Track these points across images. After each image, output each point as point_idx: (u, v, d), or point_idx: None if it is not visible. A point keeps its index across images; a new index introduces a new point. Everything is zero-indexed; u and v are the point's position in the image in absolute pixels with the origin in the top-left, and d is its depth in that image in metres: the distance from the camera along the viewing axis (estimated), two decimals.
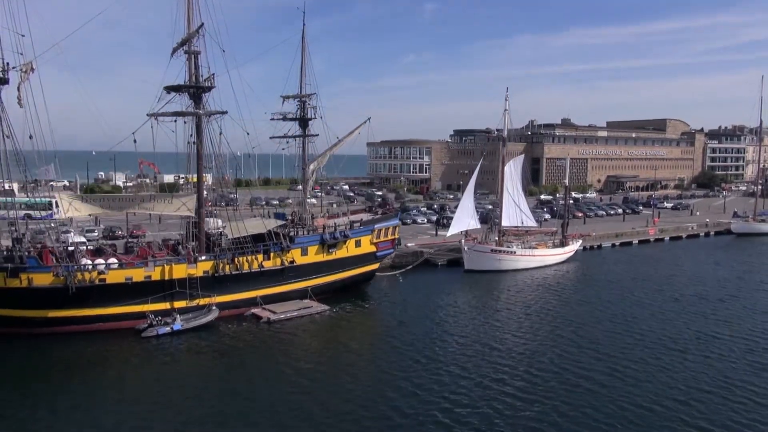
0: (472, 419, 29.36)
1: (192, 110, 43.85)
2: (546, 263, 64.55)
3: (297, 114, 51.32)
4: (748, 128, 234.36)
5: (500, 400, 31.24)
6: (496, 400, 31.23)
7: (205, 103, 45.59)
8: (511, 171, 65.85)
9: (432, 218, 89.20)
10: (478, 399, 31.51)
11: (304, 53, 49.92)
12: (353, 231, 49.99)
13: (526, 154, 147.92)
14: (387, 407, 30.40)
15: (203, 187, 45.91)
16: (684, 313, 47.60)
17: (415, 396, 31.79)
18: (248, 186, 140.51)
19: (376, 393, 32.16)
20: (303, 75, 50.38)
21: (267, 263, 44.98)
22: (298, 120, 51.27)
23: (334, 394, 31.82)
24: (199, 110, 43.68)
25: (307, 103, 50.58)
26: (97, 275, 38.94)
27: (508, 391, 32.50)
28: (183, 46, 44.59)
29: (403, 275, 58.94)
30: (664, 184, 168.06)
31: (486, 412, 30.03)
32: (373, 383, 33.56)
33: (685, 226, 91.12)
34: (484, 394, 32.12)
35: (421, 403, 30.98)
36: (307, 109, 50.94)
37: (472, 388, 32.92)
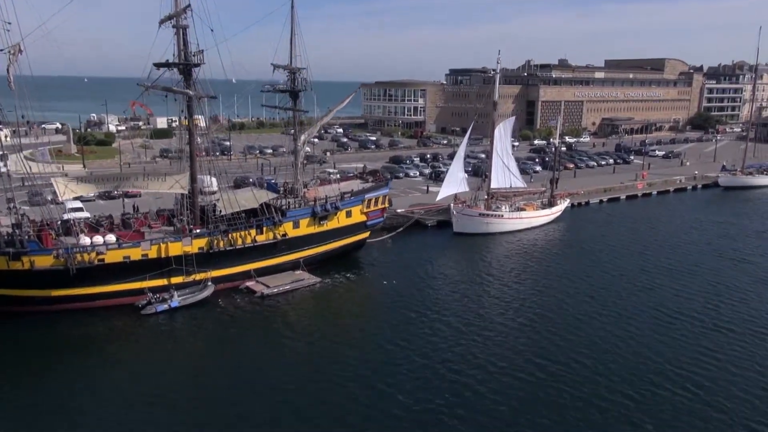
0: (466, 384, 33.04)
1: (182, 88, 44.03)
2: (533, 225, 66.25)
3: (287, 86, 51.37)
4: (748, 65, 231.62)
5: (491, 366, 34.96)
6: (486, 368, 34.86)
7: (195, 78, 45.81)
8: (501, 133, 66.34)
9: (425, 171, 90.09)
10: (470, 365, 35.20)
11: (293, 23, 49.45)
12: (344, 202, 51.18)
13: (521, 97, 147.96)
14: (381, 381, 33.33)
15: (196, 165, 46.46)
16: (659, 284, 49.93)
17: (410, 362, 35.35)
18: (242, 129, 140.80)
19: (371, 365, 35.07)
20: (293, 45, 50.10)
21: (260, 237, 46.49)
22: (289, 92, 51.38)
23: (331, 370, 34.38)
24: (189, 90, 43.87)
25: (297, 75, 50.52)
26: (96, 256, 40.45)
27: (498, 353, 36.58)
28: (170, 20, 44.30)
29: (392, 238, 60.69)
30: (659, 126, 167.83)
31: (477, 379, 33.40)
32: (367, 354, 36.41)
33: (673, 180, 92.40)
34: (474, 362, 35.61)
35: (416, 369, 34.58)
36: (297, 81, 50.93)
37: (464, 353, 36.60)
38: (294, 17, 49.13)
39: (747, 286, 48.96)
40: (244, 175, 78.69)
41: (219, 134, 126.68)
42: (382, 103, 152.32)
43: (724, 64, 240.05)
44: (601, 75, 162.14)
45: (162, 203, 54.28)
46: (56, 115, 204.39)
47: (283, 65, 50.95)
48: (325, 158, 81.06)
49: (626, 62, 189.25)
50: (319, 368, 34.56)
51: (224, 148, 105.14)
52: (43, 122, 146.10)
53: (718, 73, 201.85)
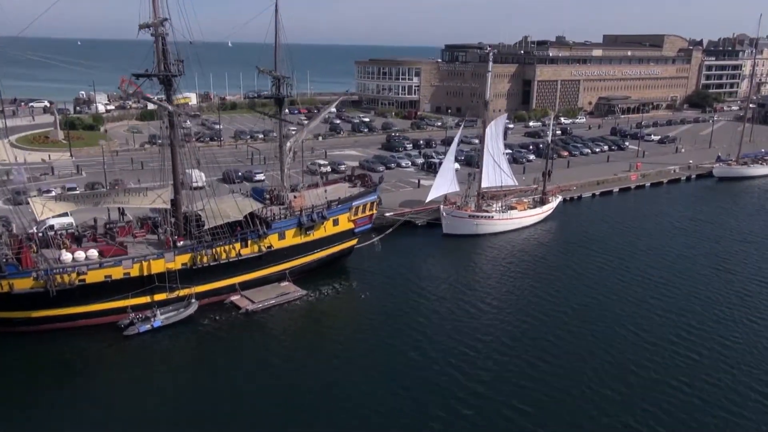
0: (462, 400, 33.96)
1: (163, 102, 42.83)
2: (524, 225, 65.69)
3: (272, 91, 50.10)
4: (749, 39, 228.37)
5: (486, 382, 35.81)
6: (479, 378, 36.15)
7: (176, 87, 44.57)
8: (492, 132, 65.23)
9: (417, 161, 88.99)
10: (464, 379, 36.13)
11: (277, 28, 47.92)
12: (330, 211, 50.41)
13: (518, 76, 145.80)
14: (370, 402, 33.87)
15: (179, 177, 45.44)
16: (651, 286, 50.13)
17: (400, 379, 36.01)
18: (234, 109, 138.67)
19: (357, 385, 35.49)
20: (277, 49, 48.66)
21: (245, 251, 45.85)
22: (274, 98, 50.13)
23: (317, 392, 34.62)
24: (169, 105, 42.65)
25: (282, 81, 49.18)
26: (76, 276, 39.83)
27: (489, 367, 37.52)
28: (149, 28, 42.85)
29: (381, 240, 60.07)
30: (656, 104, 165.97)
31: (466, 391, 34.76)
32: (353, 374, 36.68)
33: (667, 170, 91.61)
34: (463, 375, 36.61)
35: (407, 387, 35.22)
36: (282, 87, 49.61)
37: (456, 368, 37.21)
38: (278, 23, 47.58)
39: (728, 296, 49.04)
40: (233, 168, 77.97)
41: (210, 116, 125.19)
42: (376, 81, 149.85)
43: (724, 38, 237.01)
44: (599, 53, 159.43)
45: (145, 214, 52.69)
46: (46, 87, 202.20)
47: (267, 70, 49.59)
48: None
49: (624, 38, 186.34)
50: (304, 389, 34.73)
51: (214, 133, 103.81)
52: (32, 100, 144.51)
53: (717, 49, 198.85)
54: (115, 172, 76.72)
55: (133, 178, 71.62)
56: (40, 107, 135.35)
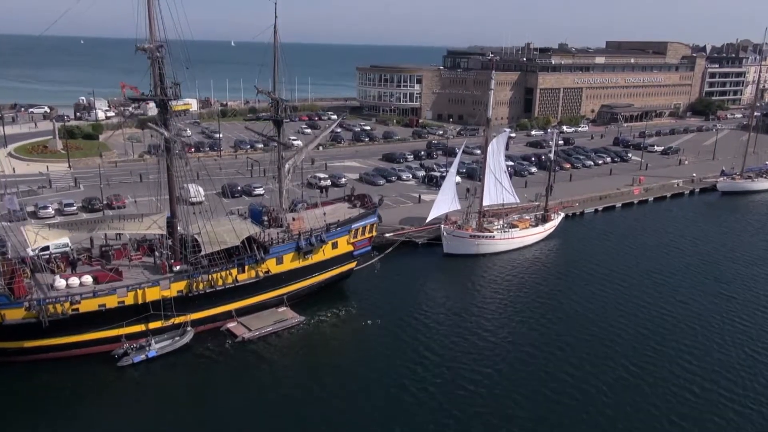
0: None
1: (160, 127, 42.06)
2: (526, 243, 64.90)
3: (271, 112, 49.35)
4: (752, 45, 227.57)
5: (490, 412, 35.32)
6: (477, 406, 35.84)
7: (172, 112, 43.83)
8: (494, 149, 64.41)
9: (418, 174, 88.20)
10: (468, 410, 35.77)
11: (276, 49, 47.13)
12: (329, 234, 49.63)
13: (520, 84, 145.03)
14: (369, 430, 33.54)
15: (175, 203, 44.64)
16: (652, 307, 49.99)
17: (401, 409, 35.59)
18: (234, 117, 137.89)
19: (358, 414, 35.31)
20: (276, 71, 47.90)
21: (242, 276, 45.11)
22: (272, 120, 49.36)
23: (317, 423, 34.25)
24: (165, 131, 41.86)
25: (281, 104, 48.40)
26: (69, 306, 39.07)
27: (493, 395, 37.37)
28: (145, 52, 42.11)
29: (381, 261, 59.23)
30: (659, 112, 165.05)
31: None
32: (353, 406, 36.14)
33: (670, 184, 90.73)
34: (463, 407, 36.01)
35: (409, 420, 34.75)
36: (280, 109, 48.82)
37: (459, 399, 36.90)
38: (277, 43, 46.80)
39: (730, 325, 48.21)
40: (232, 182, 77.24)
41: (210, 123, 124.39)
42: (377, 88, 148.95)
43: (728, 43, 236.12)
44: (602, 60, 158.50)
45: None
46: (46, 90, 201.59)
47: (266, 91, 48.87)
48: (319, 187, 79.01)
49: (627, 44, 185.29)
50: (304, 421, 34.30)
51: (214, 142, 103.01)
52: (32, 106, 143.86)
53: (721, 56, 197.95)
54: (114, 186, 76.19)
55: (132, 192, 70.88)
56: (40, 113, 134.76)
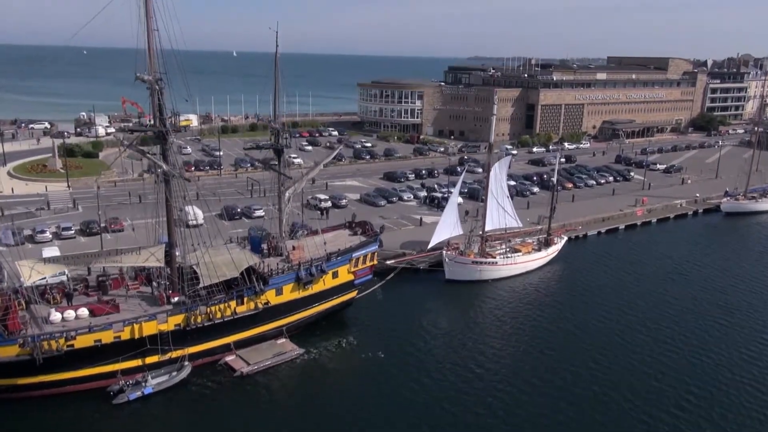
0: None
1: (159, 161, 41.45)
2: (529, 269, 64.13)
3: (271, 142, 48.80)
4: (753, 60, 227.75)
5: None
6: None
7: (171, 142, 43.22)
8: (496, 173, 63.79)
9: (419, 194, 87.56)
10: None
11: (277, 78, 46.65)
12: (330, 263, 48.90)
13: (521, 100, 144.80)
14: None
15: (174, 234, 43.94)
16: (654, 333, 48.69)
17: None
18: (235, 133, 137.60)
19: None
20: (276, 100, 47.40)
21: (240, 308, 44.35)
22: (273, 149, 48.78)
23: None
24: (164, 164, 41.25)
25: (282, 132, 47.85)
26: (64, 342, 38.32)
27: None
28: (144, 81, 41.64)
29: (382, 287, 58.49)
30: (661, 128, 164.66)
31: None
32: None
33: (673, 204, 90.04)
34: None
35: None
36: (281, 138, 48.26)
37: None
38: (277, 72, 46.32)
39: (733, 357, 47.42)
40: (231, 204, 76.68)
41: (211, 140, 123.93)
42: (378, 104, 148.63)
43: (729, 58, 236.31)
44: (603, 76, 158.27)
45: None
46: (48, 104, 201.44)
47: (268, 120, 48.29)
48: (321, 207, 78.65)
49: (629, 60, 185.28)
50: None
51: (214, 161, 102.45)
52: (32, 121, 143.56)
53: (722, 71, 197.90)
54: (112, 207, 75.58)
55: (130, 214, 70.24)
56: (41, 129, 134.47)
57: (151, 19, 40.69)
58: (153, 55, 40.27)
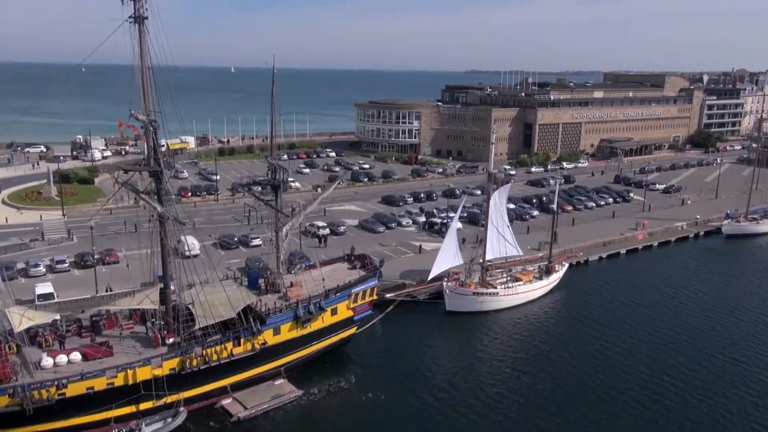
0: None
1: (153, 202, 40.61)
2: (530, 298, 63.21)
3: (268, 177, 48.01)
4: (748, 75, 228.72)
5: None
6: None
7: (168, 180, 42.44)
8: (496, 201, 63.08)
9: (418, 219, 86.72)
10: None
11: (273, 112, 46.00)
12: (328, 300, 47.92)
13: (519, 120, 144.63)
14: None
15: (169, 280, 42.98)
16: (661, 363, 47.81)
17: None
18: (232, 155, 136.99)
19: None
20: (273, 134, 46.71)
21: (237, 350, 43.32)
22: (270, 185, 47.97)
23: None
24: (158, 205, 40.40)
25: (279, 168, 47.07)
26: (56, 391, 37.21)
27: None
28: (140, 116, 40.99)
29: (382, 320, 57.46)
30: (658, 145, 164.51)
31: None
32: None
33: (674, 227, 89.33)
34: None
35: None
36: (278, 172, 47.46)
37: None
38: (274, 106, 45.67)
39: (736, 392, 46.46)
40: (228, 234, 75.73)
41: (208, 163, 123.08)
42: (376, 124, 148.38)
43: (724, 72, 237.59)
44: (600, 94, 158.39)
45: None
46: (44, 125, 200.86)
47: (264, 154, 47.62)
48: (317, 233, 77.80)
49: (625, 77, 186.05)
50: None
51: (210, 186, 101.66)
52: (28, 145, 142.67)
53: (718, 87, 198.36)
54: (108, 237, 74.70)
55: (126, 244, 69.34)
56: (36, 153, 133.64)
57: (145, 57, 40.26)
58: (147, 93, 39.64)
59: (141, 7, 39.12)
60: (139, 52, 39.55)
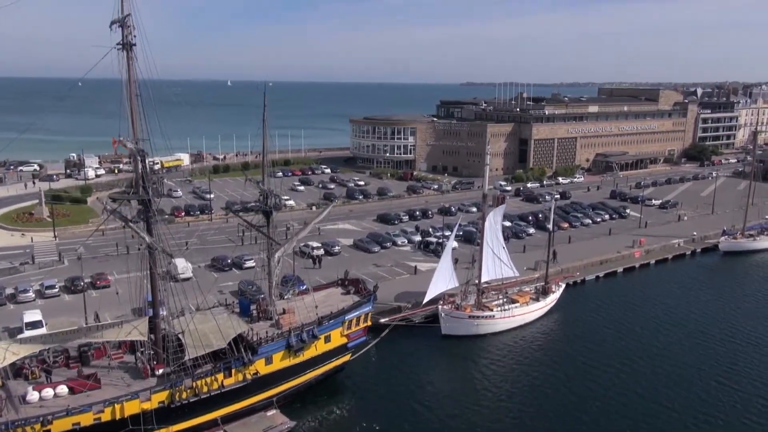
0: None
1: (142, 232, 39.85)
2: (527, 321, 62.43)
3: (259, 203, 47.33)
4: (742, 87, 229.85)
5: None
6: None
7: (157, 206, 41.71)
8: (491, 223, 62.51)
9: (414, 239, 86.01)
10: None
11: (265, 135, 45.40)
12: (321, 327, 47.05)
13: (514, 135, 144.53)
14: None
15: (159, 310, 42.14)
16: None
17: None
18: (227, 172, 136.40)
19: None
20: (264, 160, 46.09)
21: (228, 381, 42.36)
22: (261, 211, 47.26)
23: None
24: (147, 235, 39.62)
25: (270, 194, 46.38)
26: (40, 428, 36.14)
27: None
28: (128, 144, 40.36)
29: (377, 345, 56.54)
30: (654, 158, 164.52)
31: None
32: None
33: (671, 245, 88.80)
34: None
35: None
36: (269, 200, 46.76)
37: None
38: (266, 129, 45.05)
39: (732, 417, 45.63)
40: (222, 255, 74.87)
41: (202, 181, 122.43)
42: (371, 140, 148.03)
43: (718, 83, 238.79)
44: (595, 109, 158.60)
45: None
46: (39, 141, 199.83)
47: (255, 181, 46.99)
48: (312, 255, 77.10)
49: (620, 91, 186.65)
50: None
51: (204, 205, 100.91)
52: (21, 163, 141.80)
53: (712, 100, 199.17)
54: (99, 260, 73.87)
55: (117, 267, 68.43)
56: (30, 171, 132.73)
57: (133, 85, 39.70)
58: (135, 120, 39.03)
59: (129, 34, 38.59)
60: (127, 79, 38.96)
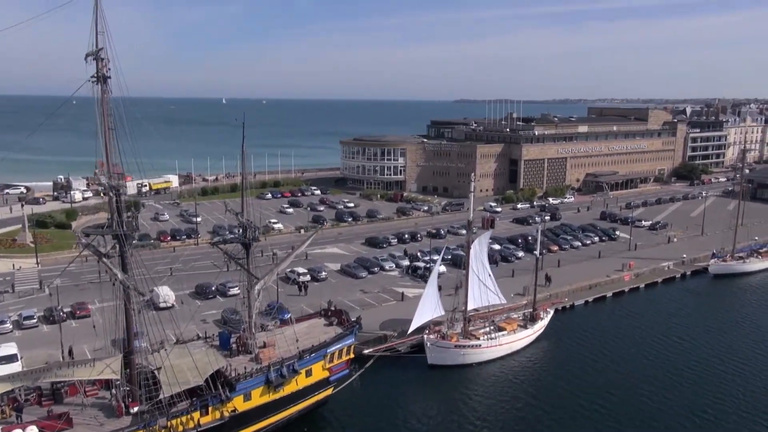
0: None
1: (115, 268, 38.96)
2: (515, 349, 61.52)
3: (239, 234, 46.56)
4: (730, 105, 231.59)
5: None
6: None
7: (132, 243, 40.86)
8: (477, 250, 61.81)
9: (402, 263, 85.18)
10: None
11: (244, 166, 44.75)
12: (302, 362, 46.01)
13: (504, 155, 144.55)
14: None
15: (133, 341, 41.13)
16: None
17: None
18: (215, 194, 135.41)
19: None
20: (243, 193, 45.40)
21: (205, 419, 41.24)
22: (240, 243, 46.47)
23: None
24: (119, 272, 38.74)
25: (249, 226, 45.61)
26: None
27: None
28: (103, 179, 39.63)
29: (361, 376, 55.41)
30: (644, 177, 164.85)
31: None
32: None
33: (660, 268, 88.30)
34: None
35: None
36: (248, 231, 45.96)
37: None
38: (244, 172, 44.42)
39: None
40: (206, 283, 73.86)
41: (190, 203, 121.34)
42: (361, 161, 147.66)
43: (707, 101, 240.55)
44: (585, 129, 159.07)
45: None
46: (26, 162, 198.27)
47: (234, 212, 46.25)
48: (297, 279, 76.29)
49: (609, 110, 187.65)
50: None
51: (191, 230, 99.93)
52: (8, 186, 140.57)
53: (701, 119, 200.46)
54: (81, 288, 72.63)
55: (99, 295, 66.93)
56: (16, 194, 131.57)
57: (108, 117, 39.10)
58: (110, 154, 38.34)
59: (104, 67, 38.03)
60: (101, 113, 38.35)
